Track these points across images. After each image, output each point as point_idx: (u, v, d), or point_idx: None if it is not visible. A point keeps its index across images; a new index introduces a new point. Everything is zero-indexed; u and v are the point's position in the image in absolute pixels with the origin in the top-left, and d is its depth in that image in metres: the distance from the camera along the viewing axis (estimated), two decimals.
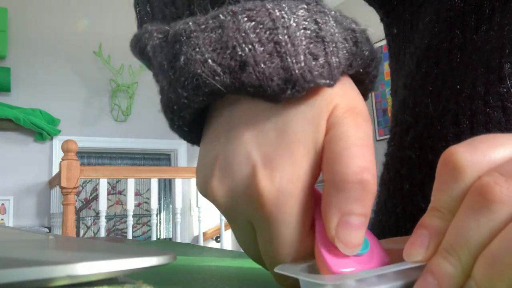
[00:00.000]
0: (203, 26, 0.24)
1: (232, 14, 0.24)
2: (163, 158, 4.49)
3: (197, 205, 3.20)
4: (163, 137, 4.26)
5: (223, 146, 0.25)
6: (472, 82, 0.34)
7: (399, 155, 0.41)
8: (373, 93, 4.37)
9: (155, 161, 4.46)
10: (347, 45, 0.25)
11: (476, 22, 0.36)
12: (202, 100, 0.24)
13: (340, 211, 0.21)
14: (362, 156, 0.22)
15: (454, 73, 0.36)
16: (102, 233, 2.84)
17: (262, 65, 0.22)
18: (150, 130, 4.23)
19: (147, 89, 4.25)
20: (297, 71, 0.22)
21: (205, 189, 0.25)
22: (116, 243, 0.27)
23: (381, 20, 0.51)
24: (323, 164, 0.23)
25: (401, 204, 0.41)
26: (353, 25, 0.26)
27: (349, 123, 0.23)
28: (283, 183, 0.22)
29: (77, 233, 3.86)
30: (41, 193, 3.77)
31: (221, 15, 0.24)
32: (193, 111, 0.26)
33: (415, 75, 0.40)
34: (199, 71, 0.23)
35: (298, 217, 0.23)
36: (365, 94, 0.30)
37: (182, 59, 0.24)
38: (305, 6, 0.24)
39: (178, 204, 3.08)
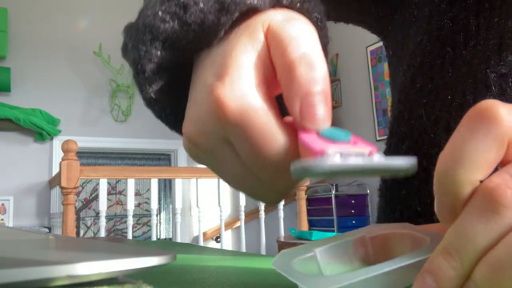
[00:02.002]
0: None
1: None
2: (163, 158, 4.49)
3: (197, 205, 3.20)
4: (163, 137, 4.26)
5: (191, 95, 0.27)
6: (462, 92, 0.38)
7: None
8: (373, 93, 4.37)
9: (155, 161, 4.46)
10: None
11: (465, 39, 0.39)
12: (161, 54, 0.28)
13: (299, 96, 0.23)
14: (303, 43, 0.24)
15: (447, 85, 0.40)
16: (102, 233, 2.84)
17: (201, 4, 0.26)
18: (150, 130, 4.23)
19: None
20: (228, 0, 0.26)
21: (184, 141, 0.27)
22: (116, 243, 0.27)
23: (383, 43, 0.55)
24: (274, 63, 0.25)
25: (399, 210, 0.43)
26: None
27: (286, 25, 0.25)
28: (238, 86, 0.24)
29: (77, 233, 3.86)
30: (41, 193, 3.77)
31: None
32: (154, 66, 0.29)
33: (410, 90, 0.44)
34: (152, 22, 0.27)
35: (264, 112, 0.23)
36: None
37: (140, 22, 0.29)
38: None
39: (178, 204, 3.08)
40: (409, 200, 0.41)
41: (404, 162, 0.21)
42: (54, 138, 3.88)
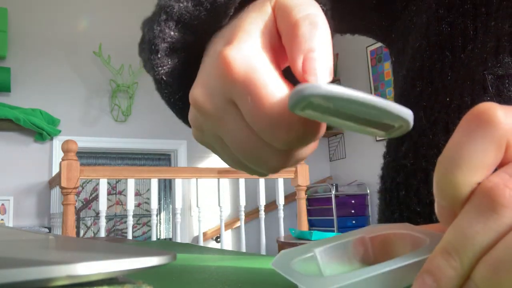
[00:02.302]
0: None
1: None
2: (163, 158, 4.49)
3: (197, 205, 3.20)
4: (163, 137, 4.27)
5: (201, 66, 0.29)
6: (460, 94, 0.39)
7: (394, 165, 0.45)
8: (373, 93, 4.37)
9: (155, 161, 4.46)
10: None
11: (463, 43, 0.41)
12: (174, 34, 0.30)
13: (301, 51, 0.23)
14: (307, 7, 0.25)
15: (446, 88, 0.41)
16: (102, 233, 2.84)
17: None
18: (150, 130, 4.23)
19: (147, 89, 4.25)
20: None
21: (190, 113, 0.29)
22: (116, 243, 0.27)
23: (388, 49, 0.57)
24: (279, 30, 0.26)
25: (398, 210, 0.44)
26: None
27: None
28: (244, 47, 0.25)
29: (77, 233, 3.86)
30: (41, 193, 3.77)
31: None
32: (167, 46, 0.30)
33: (409, 93, 0.45)
34: (167, 3, 0.29)
35: (267, 70, 0.24)
36: None
37: (157, 6, 0.31)
38: None
39: (178, 204, 3.08)
40: (408, 200, 0.42)
41: (404, 110, 0.21)
42: (54, 138, 3.88)
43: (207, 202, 3.72)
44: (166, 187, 4.50)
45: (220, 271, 0.38)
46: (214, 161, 4.43)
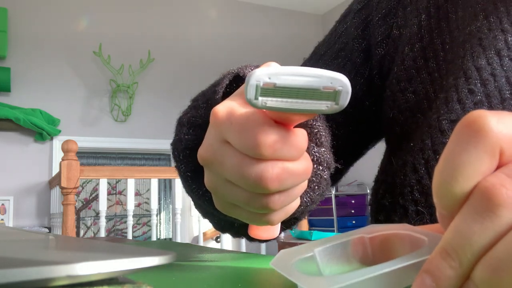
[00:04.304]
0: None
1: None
2: (163, 158, 4.48)
3: None
4: (163, 137, 4.26)
5: None
6: (421, 138, 0.46)
7: (376, 206, 0.52)
8: None
9: (155, 161, 4.46)
10: None
11: (428, 104, 0.48)
12: (187, 135, 0.42)
13: None
14: None
15: (409, 136, 0.49)
16: (102, 233, 2.83)
17: (205, 96, 0.42)
18: (150, 130, 4.22)
19: (147, 89, 4.25)
20: (218, 80, 0.42)
21: (205, 179, 0.34)
22: (116, 243, 0.27)
23: None
24: None
25: None
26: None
27: None
28: (227, 103, 0.31)
29: (77, 233, 3.86)
30: (41, 193, 3.77)
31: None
32: (183, 146, 0.43)
33: (386, 152, 0.56)
34: (182, 119, 0.44)
35: (243, 108, 0.29)
36: None
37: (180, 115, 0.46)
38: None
39: (178, 204, 3.08)
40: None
41: (336, 73, 0.25)
42: (54, 138, 3.88)
43: None
44: (166, 187, 4.50)
45: (220, 271, 0.38)
46: None
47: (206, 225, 4.10)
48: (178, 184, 3.12)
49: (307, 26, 5.06)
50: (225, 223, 0.48)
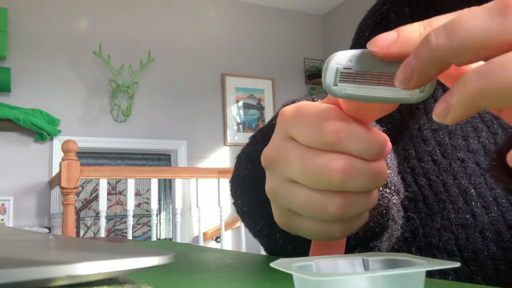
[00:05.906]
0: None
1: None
2: (163, 158, 4.48)
3: (197, 206, 3.20)
4: (163, 137, 4.26)
5: None
6: (404, 148, 0.48)
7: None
8: None
9: (155, 161, 4.46)
10: None
11: (412, 121, 0.49)
12: (245, 170, 0.43)
13: None
14: None
15: (394, 148, 0.49)
16: (102, 233, 2.84)
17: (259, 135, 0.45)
18: (150, 130, 4.23)
19: (147, 89, 4.25)
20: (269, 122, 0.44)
21: (267, 185, 0.33)
22: (116, 243, 0.27)
23: None
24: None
25: None
26: None
27: None
28: (293, 104, 0.30)
29: (77, 233, 3.86)
30: (41, 193, 3.77)
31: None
32: (241, 182, 0.45)
33: None
34: (241, 156, 0.47)
35: (309, 102, 0.29)
36: None
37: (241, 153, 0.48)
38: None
39: (178, 204, 3.08)
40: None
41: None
42: (54, 138, 3.88)
43: (207, 202, 3.72)
44: (166, 187, 4.50)
45: (220, 271, 0.38)
46: (214, 161, 4.43)
47: (206, 225, 4.10)
48: (178, 184, 3.12)
49: (307, 26, 5.06)
50: (284, 251, 0.44)
